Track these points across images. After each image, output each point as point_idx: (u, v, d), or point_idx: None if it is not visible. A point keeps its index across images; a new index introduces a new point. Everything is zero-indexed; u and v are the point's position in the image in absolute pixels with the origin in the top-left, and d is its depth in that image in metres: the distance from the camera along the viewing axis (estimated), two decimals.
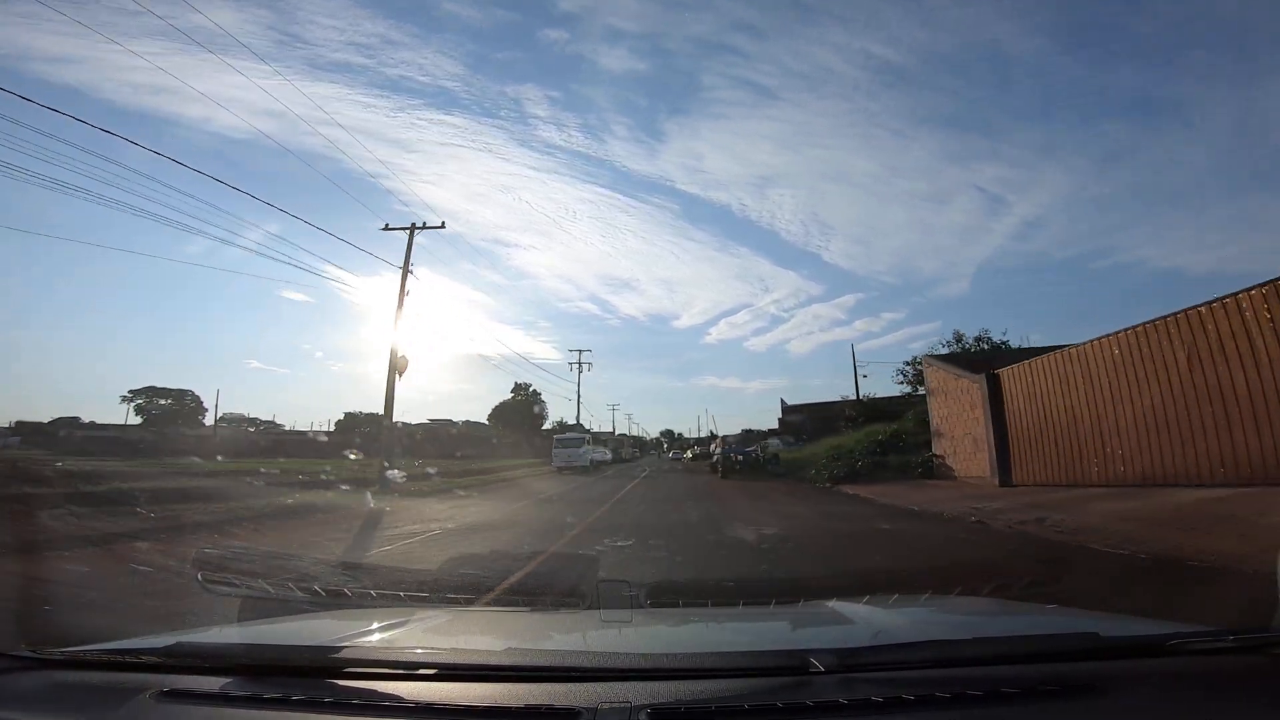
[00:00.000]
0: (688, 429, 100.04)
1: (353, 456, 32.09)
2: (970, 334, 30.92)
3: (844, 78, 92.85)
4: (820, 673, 1.25)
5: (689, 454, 60.10)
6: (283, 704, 1.27)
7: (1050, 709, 1.20)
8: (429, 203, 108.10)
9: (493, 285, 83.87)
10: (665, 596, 3.30)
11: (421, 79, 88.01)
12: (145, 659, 1.48)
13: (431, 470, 23.86)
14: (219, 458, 32.52)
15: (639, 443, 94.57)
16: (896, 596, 2.44)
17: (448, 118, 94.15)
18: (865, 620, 2.00)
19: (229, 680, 1.36)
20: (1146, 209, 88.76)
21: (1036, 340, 31.22)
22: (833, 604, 2.25)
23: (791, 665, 1.30)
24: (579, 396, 47.46)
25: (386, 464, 18.61)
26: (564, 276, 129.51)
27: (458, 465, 30.99)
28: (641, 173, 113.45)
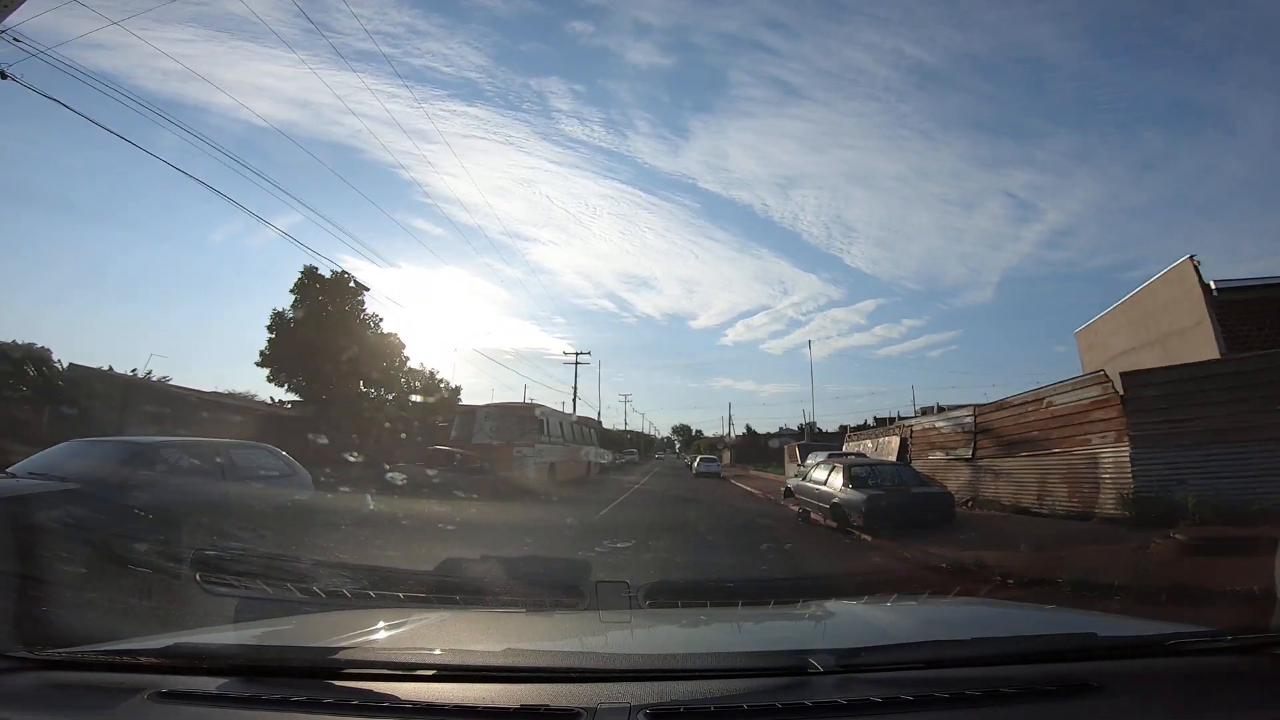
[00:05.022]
0: (708, 427, 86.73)
1: None
2: None
3: (874, 77, 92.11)
4: (819, 673, 1.25)
5: (829, 480, 11.69)
6: (281, 705, 1.27)
7: (1048, 709, 1.20)
8: (450, 195, 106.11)
9: (509, 279, 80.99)
10: (664, 597, 3.29)
11: (446, 70, 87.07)
12: (143, 660, 1.47)
13: None
14: None
15: (641, 440, 73.09)
16: (895, 597, 2.45)
17: (471, 109, 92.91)
18: (864, 621, 2.01)
19: (227, 681, 1.35)
20: (1180, 219, 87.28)
21: None
22: (831, 604, 2.26)
23: (790, 666, 1.30)
24: None
25: None
26: (582, 272, 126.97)
27: None
28: (663, 169, 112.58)
